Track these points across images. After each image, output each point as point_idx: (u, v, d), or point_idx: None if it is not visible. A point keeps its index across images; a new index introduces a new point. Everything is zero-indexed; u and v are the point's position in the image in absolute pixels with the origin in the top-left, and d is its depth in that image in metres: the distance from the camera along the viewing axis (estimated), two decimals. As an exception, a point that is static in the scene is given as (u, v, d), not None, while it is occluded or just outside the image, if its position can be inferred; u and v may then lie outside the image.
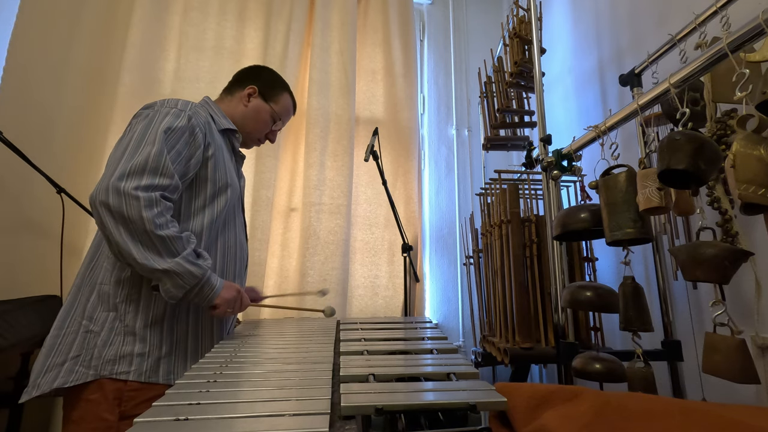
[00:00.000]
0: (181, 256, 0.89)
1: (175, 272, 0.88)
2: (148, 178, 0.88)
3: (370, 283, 2.15)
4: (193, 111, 1.02)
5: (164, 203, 0.90)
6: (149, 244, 0.86)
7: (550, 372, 2.10)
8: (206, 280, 0.92)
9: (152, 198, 0.87)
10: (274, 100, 1.21)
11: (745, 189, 0.71)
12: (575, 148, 1.20)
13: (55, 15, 1.87)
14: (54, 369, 0.88)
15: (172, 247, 0.88)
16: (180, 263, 0.88)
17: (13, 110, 1.69)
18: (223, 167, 1.06)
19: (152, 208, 0.87)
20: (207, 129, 1.04)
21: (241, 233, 1.14)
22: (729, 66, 0.79)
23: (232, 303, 0.97)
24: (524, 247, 1.57)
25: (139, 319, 0.93)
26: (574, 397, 0.58)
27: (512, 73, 1.76)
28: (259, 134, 1.22)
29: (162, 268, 0.87)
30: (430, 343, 0.88)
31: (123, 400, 0.88)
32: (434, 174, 2.47)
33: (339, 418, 0.52)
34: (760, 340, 1.09)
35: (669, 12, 1.49)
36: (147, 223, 0.85)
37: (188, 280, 0.89)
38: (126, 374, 0.89)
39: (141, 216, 0.85)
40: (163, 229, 0.87)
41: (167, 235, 0.88)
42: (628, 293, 0.96)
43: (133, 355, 0.91)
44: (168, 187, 0.92)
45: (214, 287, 0.94)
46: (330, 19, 2.31)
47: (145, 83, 1.98)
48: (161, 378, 0.92)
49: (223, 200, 1.05)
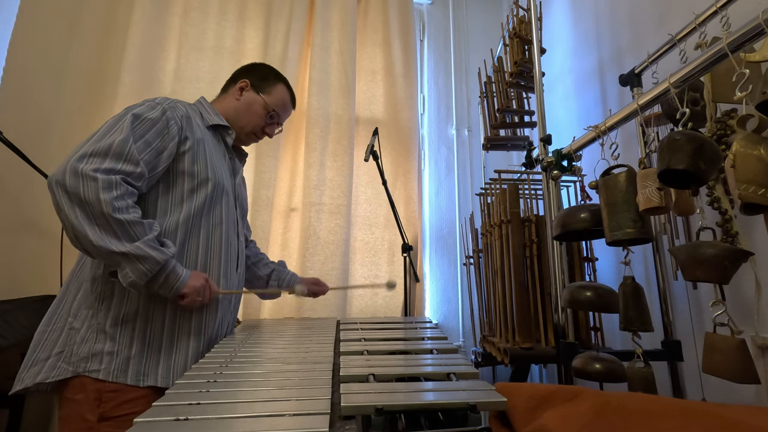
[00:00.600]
0: (141, 241, 0.85)
1: (135, 256, 0.84)
2: (110, 162, 0.86)
3: (370, 283, 2.15)
4: (170, 105, 1.00)
5: (125, 187, 0.87)
6: (107, 227, 0.83)
7: (550, 372, 2.10)
8: (171, 267, 0.89)
9: (112, 180, 0.84)
10: (267, 92, 1.18)
11: (745, 189, 0.71)
12: (575, 148, 1.20)
13: (55, 15, 1.87)
14: (38, 364, 0.88)
15: (131, 231, 0.84)
16: (140, 247, 0.84)
17: (13, 110, 1.69)
18: (204, 161, 1.03)
19: (111, 191, 0.83)
20: (185, 122, 1.01)
21: (230, 230, 1.10)
22: (729, 66, 0.79)
23: (200, 291, 0.93)
24: (524, 247, 1.57)
25: (110, 317, 0.90)
26: (574, 397, 0.58)
27: (512, 73, 1.76)
28: (254, 127, 1.18)
29: (120, 251, 0.83)
30: (430, 343, 0.88)
31: (102, 401, 0.86)
32: (434, 174, 2.47)
33: (339, 418, 0.52)
34: (760, 340, 1.09)
35: (669, 12, 1.49)
36: (104, 205, 0.82)
37: (150, 265, 0.85)
38: (96, 372, 0.87)
39: (98, 198, 0.82)
40: (123, 213, 0.84)
41: (126, 219, 0.84)
42: (628, 293, 0.96)
43: (103, 353, 0.88)
44: (132, 174, 0.88)
45: (180, 276, 0.90)
46: (330, 19, 2.31)
47: (145, 83, 1.98)
48: (129, 379, 0.88)
49: (202, 195, 1.02)
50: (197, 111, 1.10)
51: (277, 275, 1.35)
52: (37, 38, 1.80)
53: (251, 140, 1.22)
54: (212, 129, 1.12)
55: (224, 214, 1.08)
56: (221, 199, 1.07)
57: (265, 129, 1.21)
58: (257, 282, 1.34)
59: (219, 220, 1.06)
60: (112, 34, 2.01)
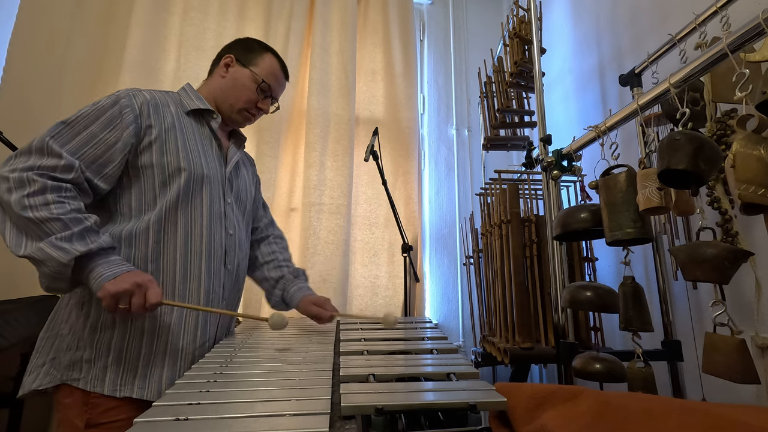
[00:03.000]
0: (46, 240, 0.77)
1: (37, 259, 0.77)
2: (30, 159, 0.82)
3: (370, 283, 2.15)
4: (128, 93, 0.94)
5: (43, 182, 0.80)
6: (22, 227, 0.78)
7: (550, 372, 2.10)
8: (89, 267, 0.80)
9: (23, 177, 0.79)
10: (254, 64, 1.09)
11: (745, 189, 0.71)
12: (575, 148, 1.20)
13: (54, 15, 1.87)
14: (35, 370, 0.86)
15: (45, 229, 0.77)
16: (41, 248, 0.76)
17: (12, 110, 1.69)
18: (176, 150, 0.95)
19: (23, 188, 0.78)
20: (147, 110, 0.94)
21: (215, 223, 0.99)
22: (729, 66, 0.79)
23: (121, 296, 0.80)
24: (524, 247, 1.57)
25: (89, 324, 0.86)
26: (574, 397, 0.58)
27: (512, 73, 1.76)
28: (245, 103, 1.08)
29: (22, 254, 0.77)
30: (430, 343, 0.88)
31: (89, 406, 0.83)
32: (434, 174, 2.47)
33: (339, 418, 0.52)
34: (760, 340, 1.09)
35: (669, 12, 1.49)
36: (14, 205, 0.77)
37: (54, 267, 0.77)
38: (77, 381, 0.84)
39: (8, 199, 0.78)
40: (34, 210, 0.78)
41: (37, 216, 0.77)
42: (628, 293, 0.96)
43: (82, 361, 0.85)
44: (55, 168, 0.82)
45: (100, 275, 0.80)
46: (330, 18, 2.31)
47: (145, 83, 1.98)
48: (106, 389, 0.83)
49: (175, 187, 0.93)
50: (175, 98, 1.03)
51: (283, 285, 1.21)
52: (37, 38, 1.81)
53: (246, 119, 1.12)
54: (193, 115, 1.04)
55: (206, 206, 0.99)
56: (201, 190, 0.98)
57: (259, 104, 1.10)
58: (265, 284, 1.23)
59: (199, 213, 0.97)
60: (112, 34, 2.01)
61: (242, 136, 1.18)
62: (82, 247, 0.79)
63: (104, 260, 0.82)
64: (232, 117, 1.10)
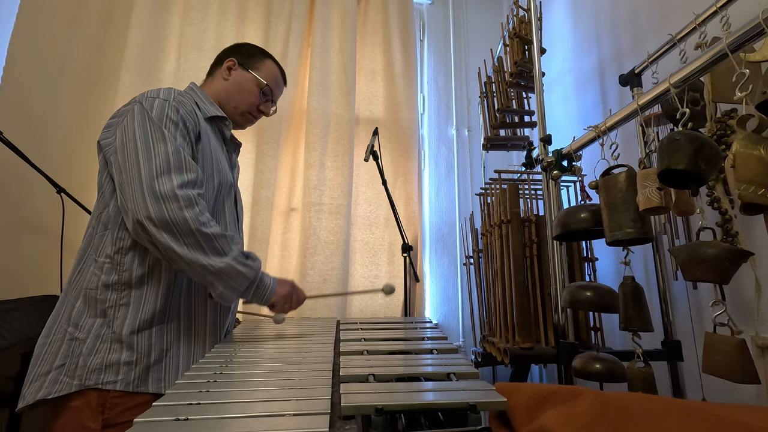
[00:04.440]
0: (230, 257, 0.86)
1: (227, 274, 0.85)
2: (176, 177, 0.84)
3: (370, 283, 2.15)
4: (178, 101, 0.96)
5: (202, 202, 0.86)
6: (195, 245, 0.83)
7: (550, 372, 2.10)
8: (259, 280, 0.91)
9: (190, 196, 0.84)
10: (256, 68, 1.13)
11: (745, 189, 0.71)
12: (575, 148, 1.20)
13: (54, 15, 1.86)
14: (39, 379, 0.83)
15: (217, 245, 0.85)
16: (231, 264, 0.86)
17: (12, 110, 1.69)
18: (210, 157, 0.99)
19: (193, 207, 0.83)
20: (194, 118, 0.97)
21: (231, 227, 1.05)
22: (729, 66, 0.79)
23: (288, 299, 0.97)
24: (524, 247, 1.57)
25: (127, 326, 0.86)
26: (574, 397, 0.58)
27: (512, 73, 1.76)
28: (249, 106, 1.12)
29: (212, 270, 0.84)
30: (430, 343, 0.88)
31: (107, 407, 0.82)
32: (434, 174, 2.47)
33: (339, 418, 0.52)
34: (760, 340, 1.09)
35: (669, 12, 1.49)
36: (191, 222, 0.82)
37: (240, 282, 0.87)
38: (113, 384, 0.83)
39: (184, 217, 0.82)
40: (207, 227, 0.84)
41: (212, 233, 0.84)
42: (628, 293, 0.96)
43: (120, 363, 0.84)
44: (196, 182, 0.88)
45: (268, 286, 0.92)
46: (330, 18, 2.31)
47: (145, 83, 1.98)
48: (151, 387, 0.86)
49: (210, 193, 0.98)
50: (194, 101, 1.05)
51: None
52: (37, 38, 1.80)
53: (247, 121, 1.16)
54: (209, 121, 1.06)
55: (228, 215, 1.04)
56: (225, 199, 1.04)
57: (260, 107, 1.15)
58: None
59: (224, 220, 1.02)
60: (112, 34, 2.01)
61: (238, 141, 1.20)
62: (255, 264, 0.91)
63: (263, 273, 0.93)
64: (236, 119, 1.13)
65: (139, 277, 0.89)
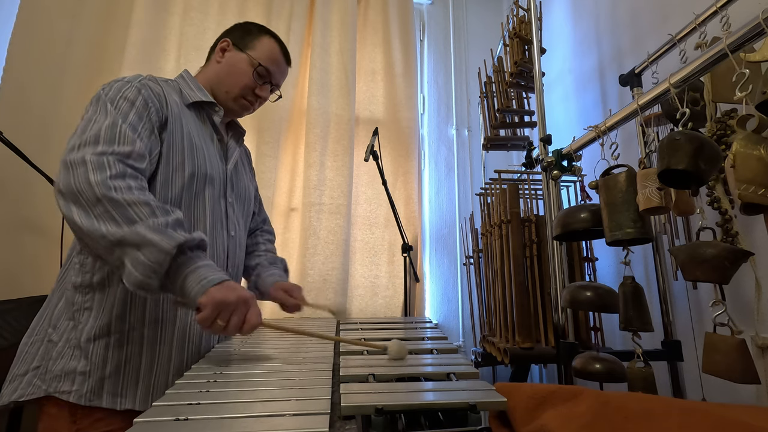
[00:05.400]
0: (142, 223, 0.69)
1: (132, 243, 0.68)
2: (102, 146, 0.74)
3: (370, 283, 2.15)
4: (142, 83, 0.87)
5: (122, 167, 0.74)
6: (105, 215, 0.69)
7: (550, 372, 2.10)
8: (191, 264, 0.72)
9: (103, 161, 0.72)
10: (251, 47, 1.02)
11: (745, 189, 0.71)
12: (575, 148, 1.20)
13: (55, 15, 1.86)
14: (16, 380, 0.79)
15: (131, 213, 0.70)
16: (138, 231, 0.68)
17: (12, 110, 1.69)
18: (180, 146, 0.89)
19: (103, 171, 0.71)
20: (160, 103, 0.88)
21: (216, 226, 0.94)
22: (729, 66, 0.79)
23: (223, 308, 0.70)
24: (524, 247, 1.57)
25: (86, 332, 0.79)
26: (574, 397, 0.58)
27: (512, 73, 1.76)
28: (241, 89, 1.01)
29: (113, 238, 0.68)
30: (430, 343, 0.88)
31: (78, 418, 0.77)
32: (434, 174, 2.47)
33: (339, 418, 0.52)
34: (760, 340, 1.09)
35: (669, 12, 1.49)
36: (96, 187, 0.70)
37: (152, 254, 0.68)
38: (67, 394, 0.76)
39: (88, 182, 0.70)
40: (120, 192, 0.71)
41: (125, 198, 0.70)
42: (628, 293, 0.96)
43: (76, 372, 0.77)
44: (130, 154, 0.76)
45: (203, 279, 0.71)
46: (330, 18, 2.31)
47: (145, 83, 1.98)
48: (105, 401, 0.78)
49: (178, 185, 0.88)
50: (175, 88, 0.97)
51: (258, 272, 1.16)
52: (37, 38, 1.80)
53: (243, 107, 1.05)
54: (194, 107, 0.97)
55: (209, 207, 0.93)
56: (204, 190, 0.92)
57: (257, 91, 1.03)
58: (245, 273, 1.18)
59: (202, 214, 0.91)
60: (112, 33, 2.01)
61: (241, 128, 1.12)
62: (182, 235, 0.71)
63: (205, 262, 0.74)
64: (229, 106, 1.03)
65: (101, 279, 0.82)
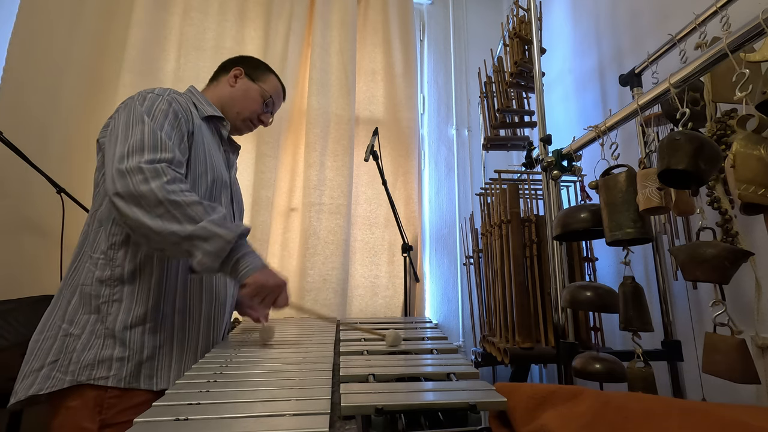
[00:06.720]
0: (206, 221, 0.82)
1: (199, 237, 0.80)
2: (147, 154, 0.83)
3: (370, 283, 2.15)
4: (172, 97, 0.97)
5: (172, 172, 0.84)
6: (167, 215, 0.80)
7: (550, 372, 2.10)
8: (237, 245, 0.85)
9: (157, 169, 0.82)
10: (262, 80, 1.18)
11: (745, 189, 0.71)
12: (575, 148, 1.20)
13: (54, 15, 1.86)
14: (31, 375, 0.82)
15: (190, 212, 0.81)
16: (205, 227, 0.81)
17: (12, 110, 1.69)
18: (203, 155, 1.00)
19: (160, 177, 0.81)
20: (186, 115, 0.98)
21: None
22: (729, 66, 0.79)
23: (265, 289, 0.87)
24: (524, 247, 1.57)
25: (120, 321, 0.86)
26: (574, 397, 0.58)
27: (512, 73, 1.76)
28: (251, 114, 1.16)
29: (184, 234, 0.80)
30: (430, 343, 0.88)
31: (104, 407, 0.82)
32: (434, 174, 2.47)
33: (339, 418, 0.52)
34: (760, 340, 1.09)
35: (669, 12, 1.49)
36: (158, 191, 0.80)
37: (216, 243, 0.81)
38: (105, 380, 0.82)
39: (150, 188, 0.79)
40: (177, 194, 0.81)
41: (183, 200, 0.81)
42: (628, 293, 0.96)
43: (112, 359, 0.84)
44: (172, 161, 0.86)
45: (249, 262, 0.86)
46: (330, 18, 2.31)
47: (145, 83, 1.98)
48: (142, 384, 0.85)
49: (203, 188, 0.99)
50: (191, 101, 1.07)
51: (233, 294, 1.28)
52: (37, 38, 1.80)
53: (246, 127, 1.19)
54: (206, 120, 1.08)
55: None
56: (221, 196, 1.04)
57: (261, 116, 1.19)
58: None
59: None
60: (112, 34, 2.01)
61: (236, 144, 1.22)
62: (238, 227, 0.85)
63: (249, 249, 0.88)
64: (237, 125, 1.17)
65: (131, 272, 0.89)
